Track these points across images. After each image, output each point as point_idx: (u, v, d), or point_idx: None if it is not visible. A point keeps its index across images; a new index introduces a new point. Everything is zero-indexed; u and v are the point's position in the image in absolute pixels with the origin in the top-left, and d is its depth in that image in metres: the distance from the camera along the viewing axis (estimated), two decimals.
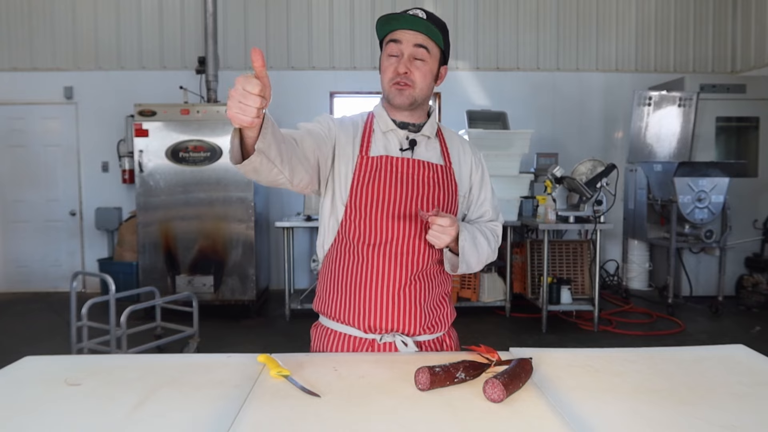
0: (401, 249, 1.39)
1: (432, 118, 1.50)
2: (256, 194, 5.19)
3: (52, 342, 4.37)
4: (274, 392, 1.11)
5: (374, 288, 1.39)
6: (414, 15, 1.34)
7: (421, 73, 1.37)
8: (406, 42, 1.35)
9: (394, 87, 1.38)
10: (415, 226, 1.39)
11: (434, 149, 1.48)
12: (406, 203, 1.39)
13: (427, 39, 1.36)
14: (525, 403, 1.07)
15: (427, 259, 1.41)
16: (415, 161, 1.42)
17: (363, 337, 1.42)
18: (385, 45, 1.40)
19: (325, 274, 1.49)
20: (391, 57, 1.38)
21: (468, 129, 5.26)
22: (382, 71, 1.40)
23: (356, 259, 1.40)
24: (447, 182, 1.45)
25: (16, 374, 1.23)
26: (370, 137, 1.44)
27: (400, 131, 1.44)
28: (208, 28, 5.38)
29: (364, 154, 1.41)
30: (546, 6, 6.45)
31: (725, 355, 1.36)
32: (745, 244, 5.75)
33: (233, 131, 1.13)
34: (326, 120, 1.45)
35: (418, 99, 1.40)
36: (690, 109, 5.77)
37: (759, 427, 0.98)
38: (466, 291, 5.19)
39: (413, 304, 1.40)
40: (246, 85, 1.00)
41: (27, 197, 6.26)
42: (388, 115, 1.45)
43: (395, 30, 1.37)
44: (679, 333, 4.69)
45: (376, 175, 1.39)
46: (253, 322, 5.08)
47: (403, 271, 1.39)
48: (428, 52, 1.37)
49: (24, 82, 6.16)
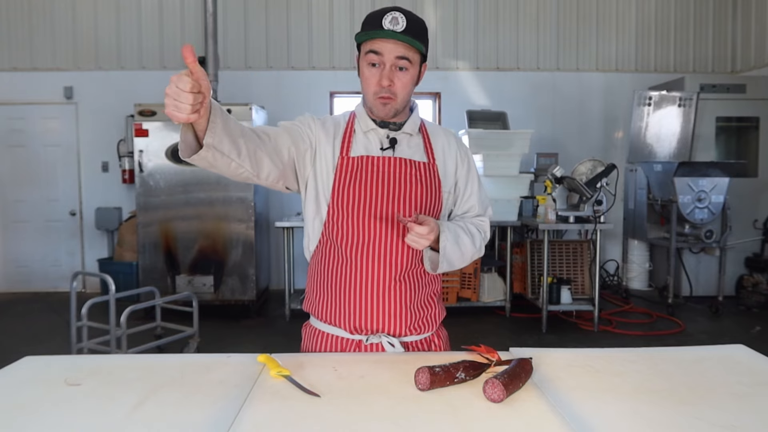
0: (385, 249, 1.38)
1: (414, 113, 1.48)
2: (256, 194, 5.19)
3: (52, 342, 4.37)
4: (274, 392, 1.11)
5: (359, 289, 1.39)
6: (393, 31, 1.29)
7: (403, 84, 1.35)
8: (387, 53, 1.32)
9: (378, 100, 1.36)
10: (398, 227, 1.38)
11: (417, 146, 1.46)
12: (388, 203, 1.38)
13: (407, 48, 1.33)
14: (525, 403, 1.07)
15: (412, 260, 1.40)
16: (396, 159, 1.40)
17: (350, 338, 1.42)
18: (365, 53, 1.35)
19: (312, 275, 1.49)
20: (371, 67, 1.35)
21: (468, 129, 5.26)
22: (364, 81, 1.37)
23: (341, 260, 1.41)
24: (430, 179, 1.43)
25: (16, 374, 1.23)
26: (351, 137, 1.43)
27: (380, 130, 1.43)
28: (208, 28, 5.38)
29: (345, 154, 1.40)
30: (546, 6, 6.45)
31: (725, 355, 1.36)
32: (745, 244, 5.74)
33: (182, 126, 1.13)
34: (307, 120, 1.45)
35: (400, 109, 1.40)
36: (690, 109, 5.77)
37: (759, 427, 0.98)
38: (466, 291, 5.19)
39: (398, 305, 1.40)
40: (178, 83, 1.01)
41: (27, 197, 6.26)
42: (368, 115, 1.44)
43: (375, 39, 1.32)
44: (679, 333, 4.69)
45: (356, 175, 1.38)
46: (253, 322, 5.08)
47: (387, 272, 1.38)
48: (410, 61, 1.34)
49: (24, 82, 6.16)
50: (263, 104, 5.66)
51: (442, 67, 6.40)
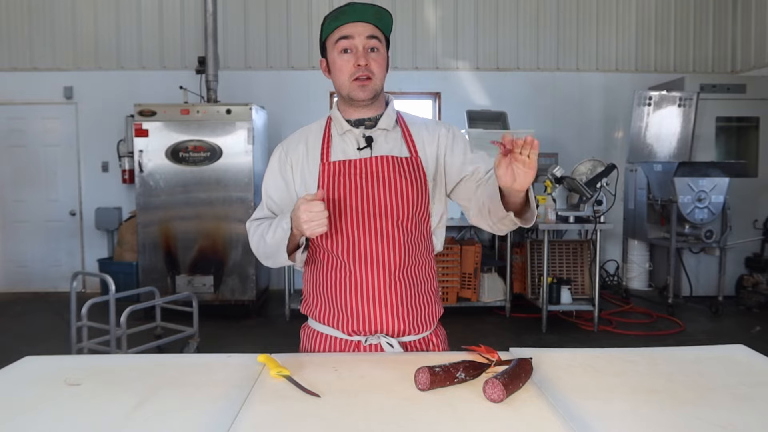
0: (377, 250, 1.38)
1: (389, 107, 1.46)
2: (256, 194, 5.18)
3: (52, 342, 4.37)
4: (274, 392, 1.11)
5: (355, 291, 1.39)
6: (362, 4, 1.33)
7: (378, 64, 1.37)
8: (358, 36, 1.34)
9: (355, 83, 1.36)
10: (387, 225, 1.38)
11: (395, 140, 1.44)
12: (372, 202, 1.38)
13: (375, 29, 1.36)
14: (525, 403, 1.07)
15: (406, 257, 1.39)
16: (374, 158, 1.40)
17: (349, 339, 1.42)
18: (334, 44, 1.37)
19: (307, 280, 1.49)
20: (343, 54, 1.36)
21: (468, 129, 5.26)
22: (338, 70, 1.37)
23: (335, 264, 1.41)
24: (414, 173, 1.41)
25: (16, 374, 1.23)
26: (329, 142, 1.44)
27: (355, 130, 1.43)
28: (208, 28, 5.38)
29: (326, 160, 1.41)
30: (546, 6, 6.45)
31: (725, 355, 1.36)
32: (745, 244, 5.74)
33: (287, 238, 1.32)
34: (275, 166, 1.47)
35: (378, 90, 1.39)
36: (690, 109, 5.77)
37: (759, 427, 0.98)
38: (466, 291, 5.19)
39: (396, 305, 1.39)
40: (312, 208, 1.23)
41: (27, 197, 6.26)
42: (342, 117, 1.44)
43: (344, 24, 1.35)
44: (679, 333, 4.69)
45: (339, 179, 1.38)
46: (253, 322, 5.08)
47: (382, 272, 1.38)
48: (380, 41, 1.37)
49: (24, 82, 6.16)
50: (263, 104, 5.66)
51: (442, 67, 6.40)
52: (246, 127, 5.08)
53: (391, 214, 1.38)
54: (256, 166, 5.14)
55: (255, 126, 5.13)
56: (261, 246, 1.40)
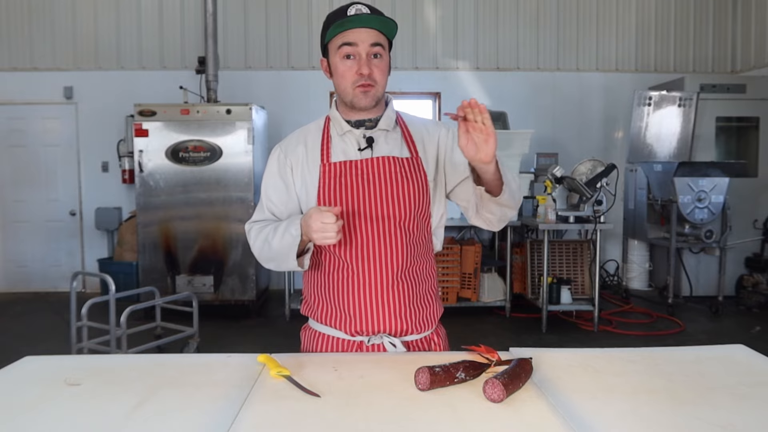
0: (379, 250, 1.37)
1: (389, 108, 1.46)
2: (256, 194, 5.18)
3: (52, 342, 4.37)
4: (274, 392, 1.12)
5: (357, 291, 1.38)
6: (367, 14, 1.31)
7: (380, 70, 1.37)
8: (362, 43, 1.33)
9: (358, 89, 1.35)
10: (389, 226, 1.38)
11: (396, 141, 1.44)
12: (374, 203, 1.38)
13: (380, 34, 1.35)
14: (525, 403, 1.07)
15: (408, 258, 1.39)
16: (376, 159, 1.40)
17: (351, 340, 1.42)
18: (337, 48, 1.36)
19: (308, 281, 1.49)
20: (346, 60, 1.35)
21: None
22: (340, 75, 1.37)
23: (336, 264, 1.40)
24: (415, 173, 1.41)
25: (16, 374, 1.23)
26: (329, 143, 1.43)
27: (356, 131, 1.42)
28: (208, 28, 5.38)
29: (326, 161, 1.41)
30: (546, 6, 6.45)
31: (725, 355, 1.36)
32: (745, 244, 5.74)
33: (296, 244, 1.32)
34: (274, 168, 1.47)
35: (380, 96, 1.39)
36: (690, 109, 5.77)
37: (759, 427, 0.98)
38: (466, 291, 5.19)
39: (398, 305, 1.39)
40: (324, 219, 1.23)
41: (27, 197, 6.26)
42: (341, 117, 1.43)
43: (347, 30, 1.33)
44: (679, 333, 4.69)
45: (339, 180, 1.38)
46: (253, 322, 5.08)
47: (384, 273, 1.38)
48: (383, 47, 1.36)
49: (24, 82, 6.16)
50: (263, 104, 5.66)
51: (442, 67, 6.40)
52: (246, 127, 5.08)
53: (393, 215, 1.38)
54: (256, 166, 5.13)
55: (255, 126, 5.13)
56: (265, 250, 1.40)
